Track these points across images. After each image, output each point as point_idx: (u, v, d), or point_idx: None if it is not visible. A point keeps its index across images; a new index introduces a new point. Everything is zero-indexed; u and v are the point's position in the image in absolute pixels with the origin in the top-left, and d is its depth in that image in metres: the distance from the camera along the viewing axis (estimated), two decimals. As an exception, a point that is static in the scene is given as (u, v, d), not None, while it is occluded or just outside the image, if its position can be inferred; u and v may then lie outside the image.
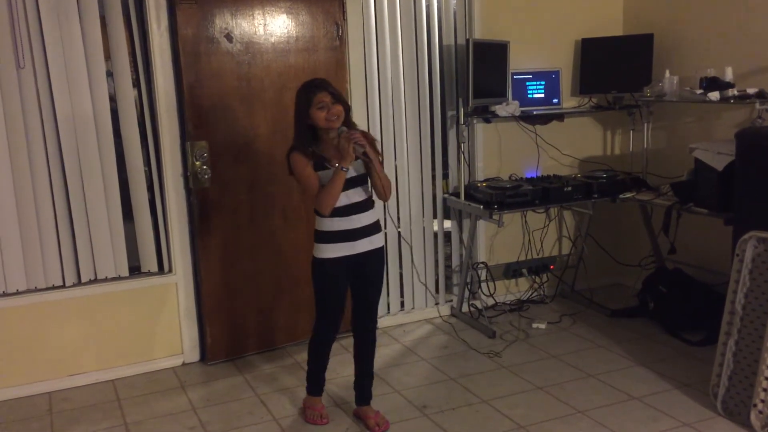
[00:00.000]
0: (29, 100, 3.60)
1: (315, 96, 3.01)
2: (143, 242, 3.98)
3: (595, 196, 4.41)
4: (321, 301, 3.22)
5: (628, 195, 4.40)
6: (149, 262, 4.00)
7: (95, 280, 3.87)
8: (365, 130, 3.09)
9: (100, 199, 3.79)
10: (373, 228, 3.18)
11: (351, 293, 3.27)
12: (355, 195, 3.10)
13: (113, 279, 3.91)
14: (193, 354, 4.12)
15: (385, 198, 3.16)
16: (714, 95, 3.88)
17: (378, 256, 3.22)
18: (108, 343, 3.91)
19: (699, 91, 3.98)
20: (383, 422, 3.29)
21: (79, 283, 3.83)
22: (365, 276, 3.21)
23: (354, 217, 3.10)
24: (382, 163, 3.17)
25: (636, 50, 4.63)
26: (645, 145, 4.70)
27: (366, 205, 3.14)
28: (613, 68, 4.69)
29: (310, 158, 3.04)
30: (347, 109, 3.09)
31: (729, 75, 3.94)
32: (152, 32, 3.76)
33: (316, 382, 3.39)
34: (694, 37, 4.44)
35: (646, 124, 4.67)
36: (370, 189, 3.17)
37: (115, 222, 3.86)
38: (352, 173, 3.05)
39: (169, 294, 4.02)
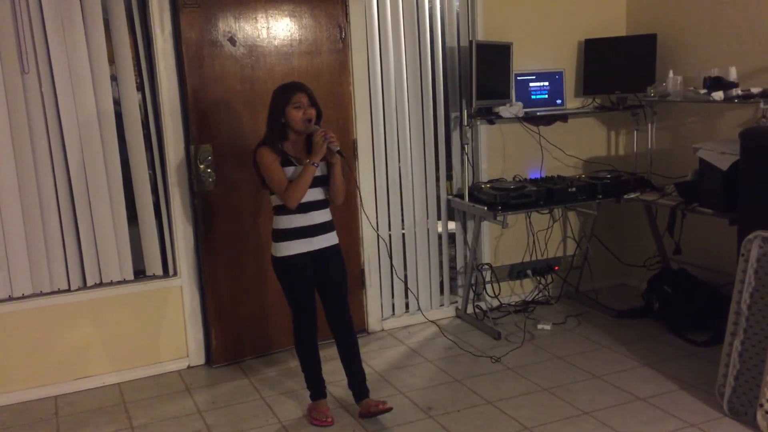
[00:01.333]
0: (34, 105, 3.61)
1: (294, 96, 3.15)
2: (148, 246, 3.99)
3: (600, 196, 4.41)
4: (292, 300, 3.31)
5: (633, 195, 4.39)
6: (154, 265, 4.01)
7: (100, 284, 3.88)
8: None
9: (104, 203, 3.80)
10: (329, 226, 3.31)
11: (319, 295, 3.35)
12: (317, 194, 3.23)
13: (118, 282, 3.92)
14: (198, 357, 4.13)
15: (337, 201, 3.32)
16: (718, 95, 3.87)
17: (335, 252, 3.33)
18: (114, 347, 3.92)
19: (703, 91, 3.97)
20: (384, 402, 3.34)
21: (84, 286, 3.85)
22: (327, 273, 3.31)
23: (313, 213, 3.23)
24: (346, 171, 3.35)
25: (639, 50, 4.62)
26: (649, 146, 4.69)
27: (323, 205, 3.28)
28: (617, 69, 4.69)
29: (277, 155, 3.15)
30: (319, 115, 3.23)
31: (733, 74, 3.94)
32: (156, 36, 3.78)
33: (315, 385, 3.42)
34: (698, 36, 4.43)
35: (650, 125, 4.66)
36: (328, 191, 3.30)
37: (119, 225, 3.87)
38: (317, 173, 3.19)
39: (174, 297, 4.03)
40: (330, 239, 3.30)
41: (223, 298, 4.05)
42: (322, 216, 3.27)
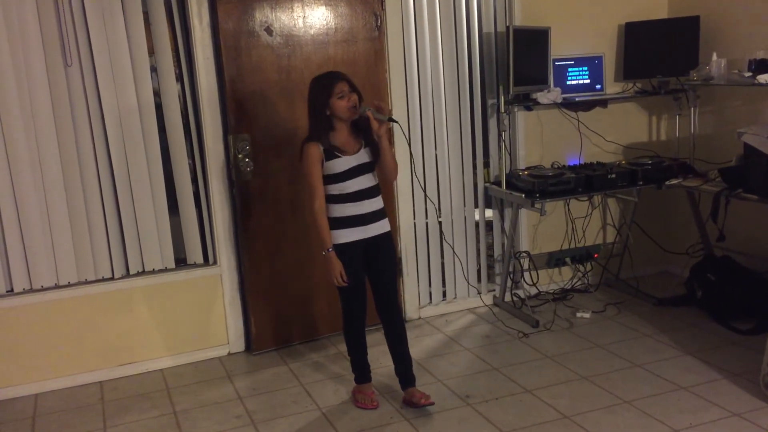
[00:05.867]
0: (77, 97, 3.69)
1: (335, 86, 3.14)
2: (188, 235, 4.05)
3: (640, 183, 4.33)
4: (343, 287, 3.29)
5: (675, 181, 4.31)
6: (194, 254, 4.07)
7: (143, 272, 3.96)
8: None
9: (146, 193, 3.87)
10: (381, 213, 3.32)
11: (369, 282, 3.35)
12: (365, 181, 3.23)
13: (160, 271, 3.99)
14: (238, 344, 4.19)
15: (391, 178, 3.35)
16: (763, 78, 3.78)
17: (388, 239, 3.34)
18: (156, 334, 4.00)
19: (748, 74, 3.88)
20: (428, 396, 3.35)
21: (127, 275, 3.93)
22: (378, 260, 3.31)
23: (365, 202, 3.23)
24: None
25: (681, 33, 4.52)
26: (692, 130, 4.60)
27: (374, 192, 3.28)
28: (658, 52, 4.59)
29: (321, 154, 3.15)
30: (360, 98, 3.21)
31: (779, 56, 3.84)
32: (194, 27, 3.82)
33: (360, 369, 3.46)
34: (742, 17, 4.32)
35: (692, 109, 4.57)
36: (376, 177, 3.29)
37: (161, 215, 3.94)
38: (362, 160, 3.21)
39: (214, 285, 4.09)
40: (383, 226, 3.31)
41: (262, 286, 4.09)
42: (375, 204, 3.27)
